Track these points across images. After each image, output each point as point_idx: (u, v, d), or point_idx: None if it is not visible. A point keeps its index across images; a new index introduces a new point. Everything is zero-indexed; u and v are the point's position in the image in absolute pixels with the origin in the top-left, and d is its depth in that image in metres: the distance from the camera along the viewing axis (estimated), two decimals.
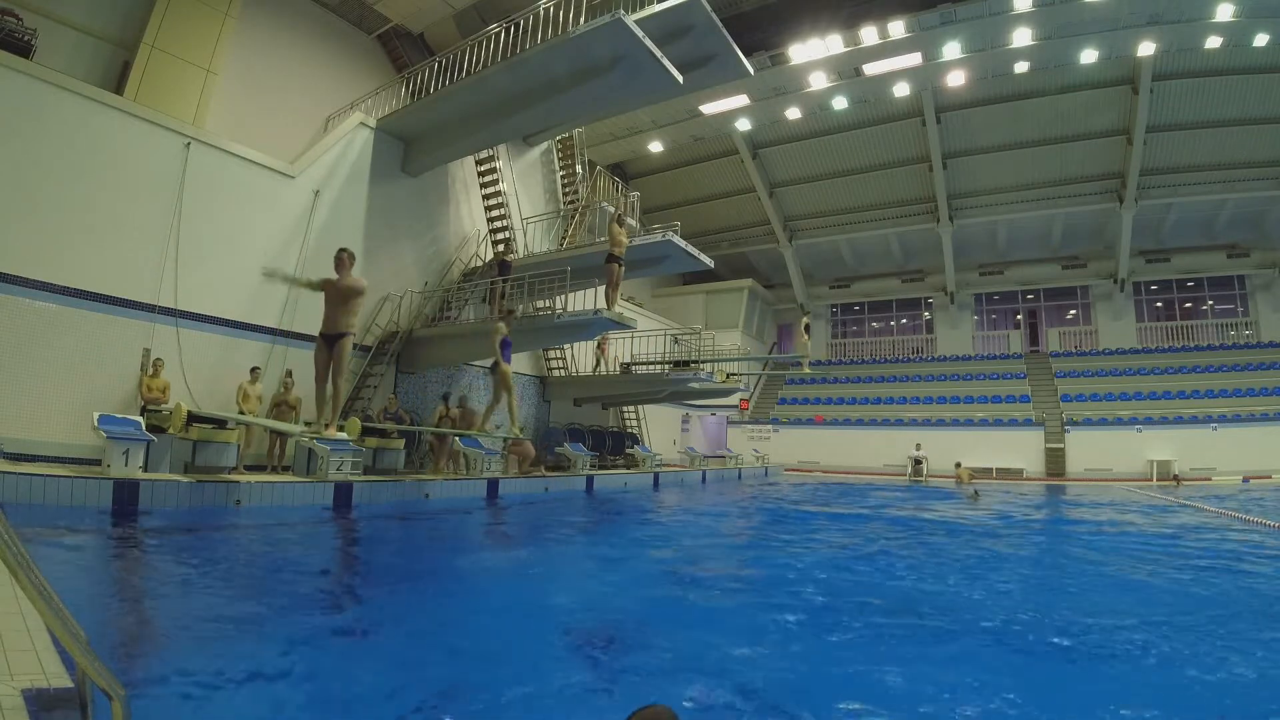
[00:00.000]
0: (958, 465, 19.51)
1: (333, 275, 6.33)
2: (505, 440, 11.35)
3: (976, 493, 14.49)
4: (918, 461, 20.78)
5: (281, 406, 9.39)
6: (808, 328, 16.61)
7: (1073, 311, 26.83)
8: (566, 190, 16.56)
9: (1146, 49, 17.77)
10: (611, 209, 13.93)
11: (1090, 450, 20.28)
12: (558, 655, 3.11)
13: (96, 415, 7.07)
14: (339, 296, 6.23)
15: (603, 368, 16.47)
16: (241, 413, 8.86)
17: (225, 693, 2.51)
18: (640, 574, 5.54)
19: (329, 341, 6.23)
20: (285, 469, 9.49)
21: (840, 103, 21.32)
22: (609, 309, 10.05)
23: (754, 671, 3.04)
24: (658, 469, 15.89)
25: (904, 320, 29.78)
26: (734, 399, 24.15)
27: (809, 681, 2.97)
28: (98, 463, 6.99)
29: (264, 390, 9.59)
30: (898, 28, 17.79)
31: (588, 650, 3.29)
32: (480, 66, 10.59)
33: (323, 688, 2.69)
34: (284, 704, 2.49)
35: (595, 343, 16.31)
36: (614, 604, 4.45)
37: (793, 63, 19.06)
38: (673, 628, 3.83)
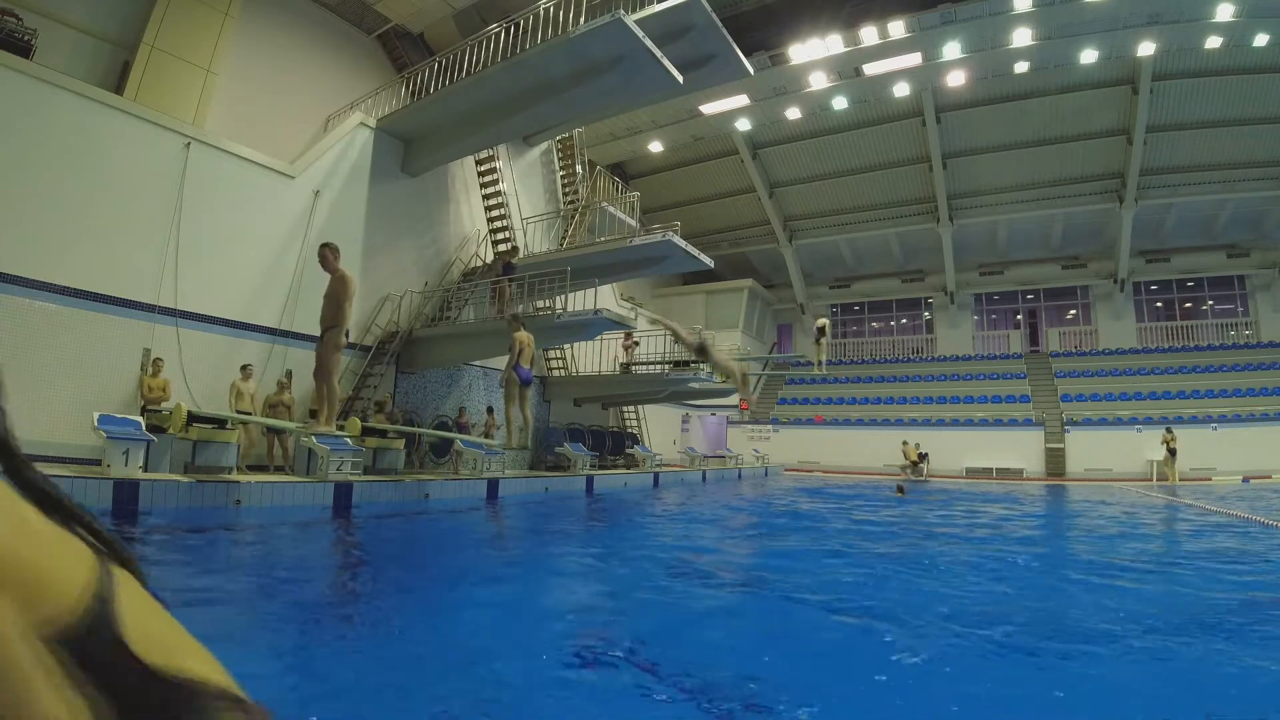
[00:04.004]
0: (905, 443, 20.81)
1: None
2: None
3: (901, 488, 14.34)
4: (918, 460, 20.79)
5: (278, 407, 9.41)
6: (823, 329, 16.08)
7: (1073, 311, 26.84)
8: (566, 190, 16.56)
9: (1146, 49, 17.79)
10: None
11: (1090, 450, 20.29)
12: (561, 664, 3.10)
13: (96, 415, 7.07)
14: (327, 291, 6.18)
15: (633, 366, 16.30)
16: (237, 412, 8.86)
17: None
18: (643, 576, 5.54)
19: (323, 336, 6.20)
20: (281, 469, 9.50)
21: (840, 103, 21.33)
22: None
23: (761, 678, 3.04)
24: (658, 469, 15.89)
25: (904, 320, 29.79)
26: (734, 399, 24.14)
27: (817, 686, 2.97)
28: (98, 463, 6.99)
29: (260, 389, 9.60)
30: (898, 28, 17.81)
31: (594, 659, 3.27)
32: (480, 66, 10.59)
33: (320, 694, 2.68)
34: (279, 707, 2.49)
35: (624, 342, 16.21)
36: (618, 608, 4.45)
37: (793, 63, 19.07)
38: (676, 631, 3.83)
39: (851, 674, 3.10)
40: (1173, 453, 18.24)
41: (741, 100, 21.03)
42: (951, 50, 18.44)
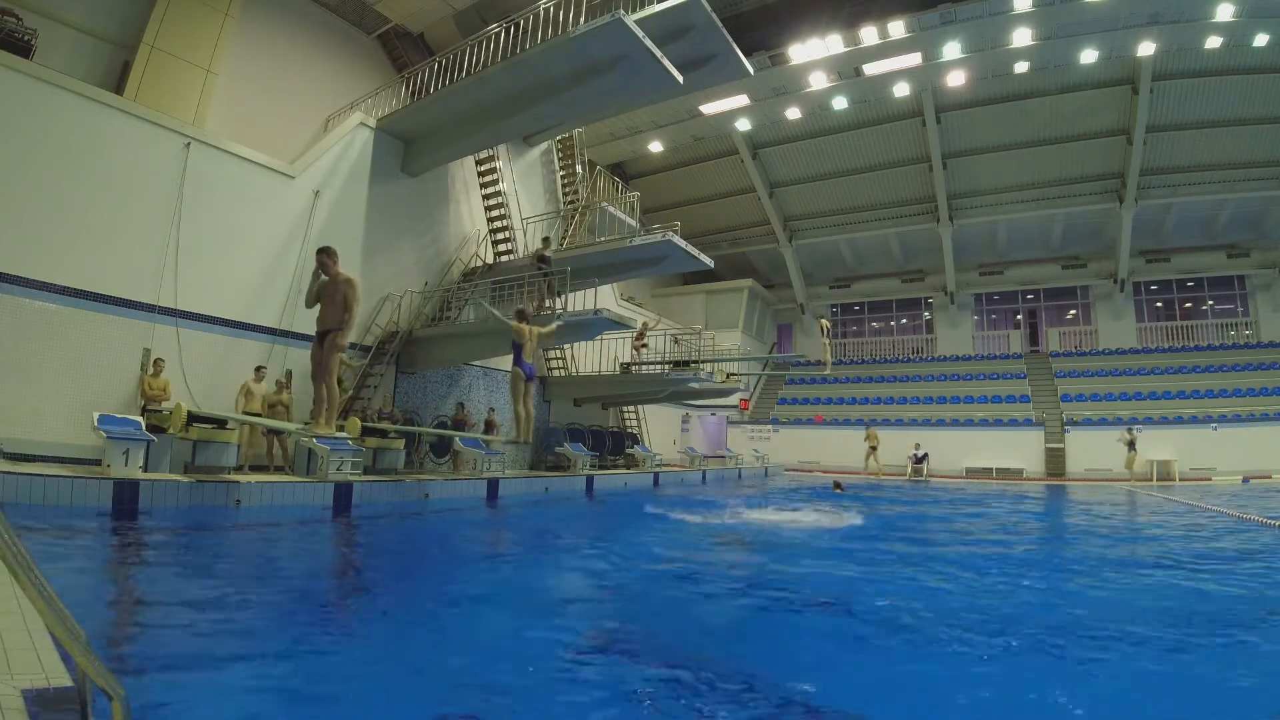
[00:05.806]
0: (869, 427, 21.27)
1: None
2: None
3: (838, 484, 14.50)
4: (918, 460, 20.80)
5: (276, 407, 9.40)
6: (827, 330, 16.28)
7: (1073, 311, 26.84)
8: (566, 190, 16.56)
9: (1146, 49, 17.79)
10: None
11: (1090, 450, 20.27)
12: (560, 663, 3.10)
13: (96, 415, 7.08)
14: (327, 293, 6.15)
15: (644, 356, 16.11)
16: (246, 413, 8.85)
17: (222, 695, 2.51)
18: (644, 576, 5.54)
19: (321, 339, 6.18)
20: (281, 469, 9.50)
21: (840, 103, 21.33)
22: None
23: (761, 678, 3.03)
24: (657, 469, 15.89)
25: (904, 320, 29.78)
26: (734, 399, 24.15)
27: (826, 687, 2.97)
28: (98, 463, 6.99)
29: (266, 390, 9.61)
30: (898, 28, 17.81)
31: (593, 660, 3.27)
32: (480, 66, 10.58)
33: (317, 695, 2.68)
34: (279, 707, 2.49)
35: (637, 336, 15.98)
36: (619, 608, 4.45)
37: (793, 63, 19.06)
38: (679, 632, 3.83)
39: (851, 673, 3.09)
40: (1131, 445, 18.49)
41: (741, 100, 21.03)
42: (951, 50, 18.43)
